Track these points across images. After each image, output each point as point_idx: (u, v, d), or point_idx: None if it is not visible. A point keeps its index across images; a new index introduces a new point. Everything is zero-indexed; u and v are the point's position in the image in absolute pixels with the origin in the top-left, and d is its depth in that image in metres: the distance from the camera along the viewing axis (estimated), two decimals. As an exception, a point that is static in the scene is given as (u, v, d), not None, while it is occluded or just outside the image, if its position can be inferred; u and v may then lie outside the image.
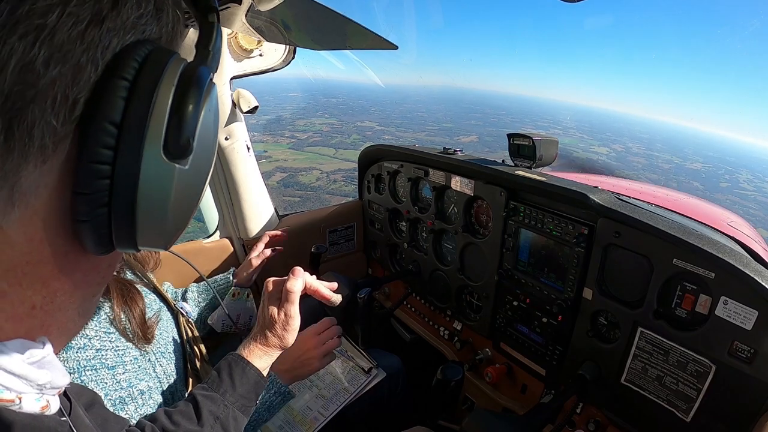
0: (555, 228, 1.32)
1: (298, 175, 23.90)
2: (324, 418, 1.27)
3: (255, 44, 1.70)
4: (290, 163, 26.06)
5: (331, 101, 60.07)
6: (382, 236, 2.11)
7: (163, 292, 1.19)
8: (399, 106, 65.26)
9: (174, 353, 1.12)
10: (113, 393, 0.87)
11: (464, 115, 37.11)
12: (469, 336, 1.77)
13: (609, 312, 1.24)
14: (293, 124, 35.94)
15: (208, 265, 1.85)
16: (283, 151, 28.18)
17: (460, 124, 46.16)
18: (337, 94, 71.38)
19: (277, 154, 27.16)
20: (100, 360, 0.88)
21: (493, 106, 23.50)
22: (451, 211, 1.75)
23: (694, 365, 1.06)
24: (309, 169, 25.11)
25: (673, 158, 67.89)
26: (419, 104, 18.29)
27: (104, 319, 0.92)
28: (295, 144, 30.25)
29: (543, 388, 1.50)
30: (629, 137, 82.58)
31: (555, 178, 1.37)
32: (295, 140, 31.17)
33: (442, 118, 52.57)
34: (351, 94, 73.76)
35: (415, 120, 42.04)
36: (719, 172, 61.60)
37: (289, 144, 30.07)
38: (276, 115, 36.05)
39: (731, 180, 56.93)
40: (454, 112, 55.03)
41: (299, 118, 38.96)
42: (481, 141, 10.06)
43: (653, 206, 1.34)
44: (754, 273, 0.93)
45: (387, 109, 62.61)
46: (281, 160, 25.90)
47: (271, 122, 33.48)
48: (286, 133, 32.44)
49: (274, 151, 27.53)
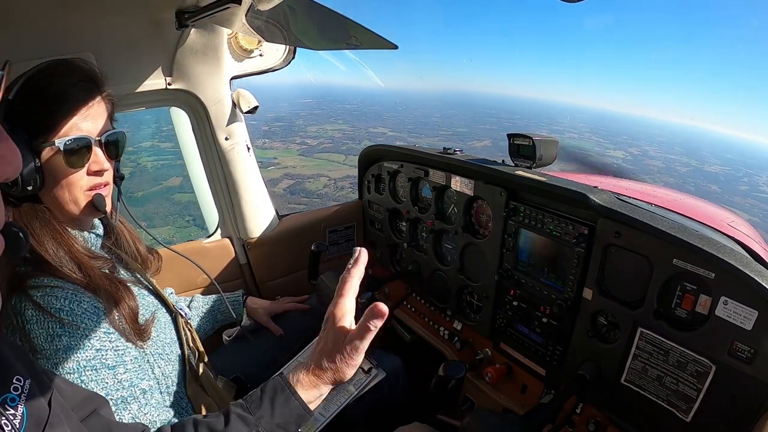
0: (555, 228, 1.32)
1: (306, 182, 23.79)
2: (324, 418, 1.27)
3: (255, 44, 1.70)
4: (299, 170, 25.92)
5: (345, 107, 59.99)
6: (382, 236, 2.11)
7: (162, 293, 1.19)
8: (414, 111, 65.04)
9: (172, 354, 1.12)
10: (115, 393, 0.87)
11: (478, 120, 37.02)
12: (469, 336, 1.77)
13: (609, 312, 1.24)
14: (305, 130, 35.85)
15: (209, 265, 1.85)
16: (292, 157, 28.08)
17: (474, 128, 46.04)
18: (352, 101, 71.32)
19: (287, 160, 27.05)
20: (100, 360, 0.87)
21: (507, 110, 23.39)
22: (451, 211, 1.74)
23: (694, 365, 1.06)
24: (317, 176, 24.94)
25: (691, 161, 67.09)
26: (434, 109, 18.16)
27: (103, 320, 0.92)
28: (305, 150, 30.12)
29: (543, 388, 1.50)
30: (646, 140, 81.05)
31: (555, 178, 1.37)
32: (305, 146, 31.02)
33: (456, 122, 52.36)
34: (366, 100, 73.75)
35: (429, 125, 41.93)
36: (738, 174, 60.78)
37: (299, 150, 29.98)
38: (289, 122, 35.97)
39: (750, 183, 55.93)
40: (468, 116, 54.67)
41: (312, 124, 38.86)
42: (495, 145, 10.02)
43: (653, 206, 1.34)
44: (754, 273, 0.93)
45: (400, 114, 62.42)
46: (290, 167, 25.81)
47: (283, 129, 33.40)
48: (296, 139, 32.33)
49: (284, 158, 27.43)
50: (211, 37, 1.57)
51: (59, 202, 0.94)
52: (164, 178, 15.17)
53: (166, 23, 1.43)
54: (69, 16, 1.27)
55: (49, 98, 0.88)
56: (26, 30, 1.22)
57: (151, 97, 1.62)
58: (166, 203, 13.71)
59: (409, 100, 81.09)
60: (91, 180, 0.96)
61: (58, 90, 0.89)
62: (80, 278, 0.91)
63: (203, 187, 1.92)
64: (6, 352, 0.61)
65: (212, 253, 1.89)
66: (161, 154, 15.58)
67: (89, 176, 0.95)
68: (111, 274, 1.01)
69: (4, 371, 0.58)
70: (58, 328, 0.84)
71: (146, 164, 15.67)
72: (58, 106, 0.89)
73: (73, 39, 1.32)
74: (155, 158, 15.77)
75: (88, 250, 0.98)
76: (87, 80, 0.94)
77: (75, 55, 1.04)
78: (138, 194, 13.46)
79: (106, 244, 1.10)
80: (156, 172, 15.43)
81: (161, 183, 15.07)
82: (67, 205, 0.94)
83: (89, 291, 0.91)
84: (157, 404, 0.95)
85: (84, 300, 0.89)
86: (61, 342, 0.84)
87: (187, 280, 1.78)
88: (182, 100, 1.69)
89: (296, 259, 2.02)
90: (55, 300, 0.85)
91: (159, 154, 15.69)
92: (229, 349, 1.56)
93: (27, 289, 0.84)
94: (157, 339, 1.06)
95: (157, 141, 15.70)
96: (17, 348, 0.67)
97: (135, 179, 14.58)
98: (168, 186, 14.70)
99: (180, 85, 1.60)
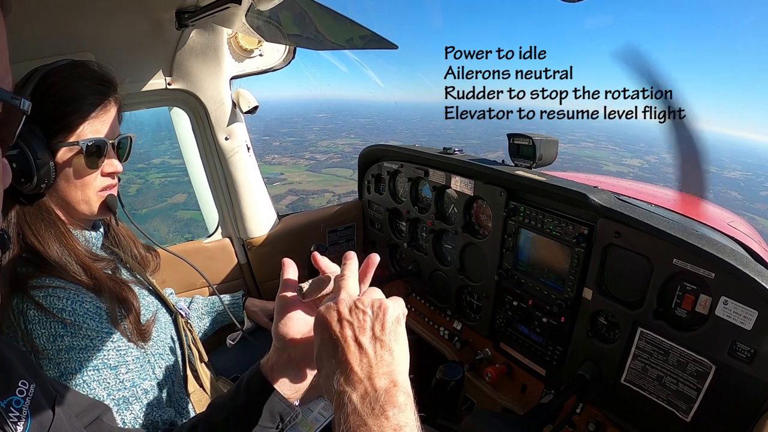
0: (555, 228, 1.32)
1: (310, 197, 23.61)
2: (324, 418, 1.27)
3: (255, 44, 1.70)
4: (304, 185, 25.77)
5: (359, 121, 59.56)
6: (382, 236, 2.11)
7: (162, 294, 1.19)
8: (428, 123, 64.64)
9: (173, 354, 1.12)
10: (116, 393, 0.87)
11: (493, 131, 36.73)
12: (469, 336, 1.77)
13: (609, 312, 1.24)
14: (316, 145, 35.64)
15: (209, 265, 1.85)
16: (299, 173, 27.97)
17: (487, 140, 45.77)
18: (367, 114, 70.91)
19: (293, 176, 26.91)
20: (102, 360, 0.88)
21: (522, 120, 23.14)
22: (451, 211, 1.74)
23: (694, 365, 1.06)
24: (321, 192, 24.76)
25: (710, 167, 64.96)
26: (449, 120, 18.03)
27: (105, 320, 0.92)
28: (314, 165, 30.02)
29: (543, 388, 1.50)
30: (664, 147, 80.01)
31: (555, 178, 1.37)
32: (314, 162, 30.92)
33: (470, 134, 52.04)
34: (382, 114, 73.43)
35: (443, 137, 41.60)
36: (759, 180, 60.04)
37: (307, 166, 29.88)
38: (300, 137, 35.75)
39: (774, 188, 55.29)
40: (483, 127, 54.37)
41: (323, 138, 38.65)
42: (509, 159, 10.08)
43: (653, 206, 1.34)
44: (754, 273, 0.93)
45: (414, 127, 61.91)
46: (295, 183, 25.67)
47: (294, 144, 33.21)
48: (306, 154, 32.18)
49: (291, 173, 27.27)
50: (211, 37, 1.57)
51: (69, 201, 0.95)
52: (170, 194, 15.21)
53: (166, 23, 1.43)
54: (69, 16, 1.27)
55: (68, 99, 0.90)
56: (26, 30, 1.22)
57: (151, 97, 1.62)
58: (168, 220, 13.75)
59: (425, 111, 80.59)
60: (104, 181, 0.97)
61: (76, 91, 0.91)
62: (85, 279, 0.91)
63: (203, 187, 1.92)
64: (11, 356, 0.61)
65: (212, 253, 1.89)
66: (170, 171, 15.59)
67: (102, 177, 0.97)
68: (114, 275, 1.01)
69: (10, 374, 0.58)
70: (61, 329, 0.84)
71: (154, 181, 15.70)
72: (76, 108, 0.91)
73: (74, 39, 1.32)
74: (164, 175, 15.79)
75: (91, 252, 0.99)
76: (103, 83, 0.95)
77: (75, 55, 1.04)
78: (141, 212, 13.50)
79: (105, 244, 1.10)
80: (162, 189, 15.47)
81: (166, 200, 15.11)
82: (78, 204, 0.95)
83: (92, 292, 0.92)
84: (159, 404, 0.95)
85: (86, 300, 0.89)
86: (63, 342, 0.84)
87: (188, 280, 1.78)
88: (182, 100, 1.69)
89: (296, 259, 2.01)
90: (58, 300, 0.85)
91: (168, 170, 15.71)
92: (229, 350, 1.56)
93: (29, 290, 0.84)
94: (157, 339, 1.07)
95: (168, 158, 15.72)
96: (21, 353, 0.67)
97: (141, 196, 14.63)
98: (172, 203, 14.74)
99: (180, 85, 1.60)
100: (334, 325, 0.56)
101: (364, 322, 0.56)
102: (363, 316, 0.57)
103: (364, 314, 0.57)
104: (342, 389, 0.52)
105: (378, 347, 0.55)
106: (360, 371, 0.53)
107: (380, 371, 0.53)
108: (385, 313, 0.57)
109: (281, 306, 0.71)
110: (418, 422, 0.53)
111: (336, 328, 0.56)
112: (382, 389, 0.52)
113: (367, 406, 0.51)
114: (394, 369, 0.55)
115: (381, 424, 0.50)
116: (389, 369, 0.54)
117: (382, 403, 0.51)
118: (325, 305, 0.59)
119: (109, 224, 1.12)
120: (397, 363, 0.55)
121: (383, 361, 0.54)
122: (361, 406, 0.51)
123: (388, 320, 0.57)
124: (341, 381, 0.53)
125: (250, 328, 1.59)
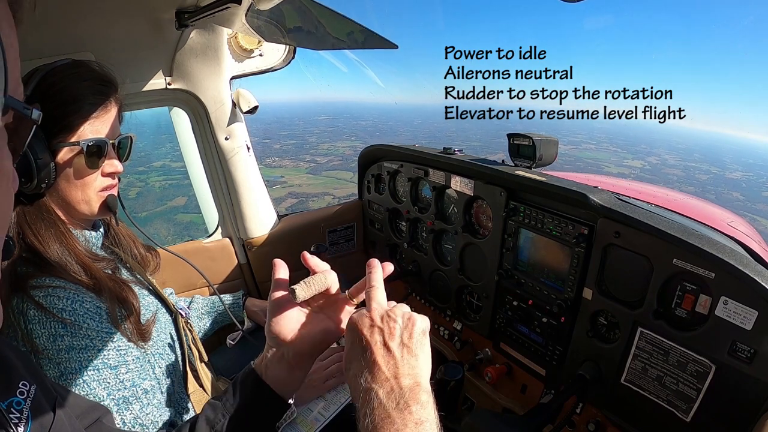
0: (555, 228, 1.32)
1: (310, 200, 23.57)
2: (324, 418, 1.27)
3: (255, 44, 1.70)
4: (304, 188, 25.72)
5: (360, 123, 59.48)
6: (382, 236, 2.11)
7: (162, 294, 1.19)
8: (430, 125, 64.39)
9: (173, 354, 1.12)
10: (117, 393, 0.87)
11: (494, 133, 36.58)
12: (469, 336, 1.77)
13: (609, 312, 1.24)
14: (316, 147, 35.63)
15: (209, 265, 1.85)
16: (300, 175, 27.96)
17: (488, 142, 45.60)
18: (368, 117, 70.79)
19: (294, 179, 26.88)
20: (102, 360, 0.88)
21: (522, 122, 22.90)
22: (451, 211, 1.74)
23: (694, 365, 1.06)
24: (322, 195, 24.69)
25: (712, 168, 65.62)
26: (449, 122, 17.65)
27: (105, 319, 0.92)
28: (314, 168, 30.03)
29: (543, 388, 1.50)
30: (665, 148, 78.92)
31: (555, 178, 1.37)
32: (314, 164, 30.93)
33: (471, 136, 51.83)
34: (383, 116, 73.26)
35: (443, 139, 41.55)
36: (761, 180, 59.60)
37: (307, 168, 29.87)
38: (301, 140, 35.76)
39: (775, 188, 54.78)
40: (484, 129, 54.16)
41: (324, 141, 38.64)
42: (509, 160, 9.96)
43: (653, 206, 1.34)
44: (754, 273, 0.93)
45: (415, 129, 61.68)
46: (296, 186, 25.63)
47: (295, 147, 33.23)
48: (306, 157, 32.20)
49: (291, 176, 27.23)
50: (211, 37, 1.57)
51: (70, 201, 0.95)
52: (170, 198, 15.21)
53: (166, 23, 1.43)
54: (69, 16, 1.27)
55: (69, 99, 0.90)
56: (26, 30, 1.21)
57: (151, 97, 1.62)
58: (168, 223, 13.76)
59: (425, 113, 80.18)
60: (104, 181, 0.97)
61: (77, 91, 0.90)
62: (85, 279, 0.91)
63: (203, 186, 1.92)
64: (11, 356, 0.61)
65: (212, 253, 1.89)
66: (170, 174, 15.59)
67: (103, 177, 0.97)
68: (114, 275, 1.01)
69: (11, 375, 0.58)
70: (61, 328, 0.84)
71: (154, 184, 15.69)
72: (76, 108, 0.91)
73: (73, 39, 1.32)
74: (164, 178, 15.78)
75: (91, 252, 0.99)
76: (103, 83, 0.95)
77: (75, 55, 1.04)
78: (141, 214, 13.50)
79: (106, 243, 1.10)
80: (163, 192, 15.46)
81: (166, 203, 15.11)
82: (79, 204, 0.95)
83: (92, 292, 0.92)
84: (159, 404, 0.95)
85: (86, 300, 0.89)
86: (63, 342, 0.84)
87: (188, 280, 1.78)
88: (182, 100, 1.69)
89: (296, 259, 2.01)
90: (58, 300, 0.85)
91: (168, 173, 15.70)
92: (229, 350, 1.56)
93: (29, 290, 0.84)
94: (157, 339, 1.07)
95: (169, 161, 15.71)
96: (22, 353, 0.67)
97: (141, 199, 14.61)
98: (172, 206, 14.75)
99: (180, 85, 1.60)
100: (365, 330, 0.61)
101: (393, 329, 0.61)
102: (393, 324, 0.62)
103: (394, 323, 0.62)
104: (369, 386, 0.57)
105: (405, 352, 0.60)
106: (387, 371, 0.58)
107: (405, 372, 0.58)
108: (413, 324, 0.63)
109: (274, 306, 0.75)
110: (438, 420, 0.58)
111: (367, 333, 0.61)
112: (407, 387, 0.57)
113: (392, 400, 0.56)
114: (418, 372, 0.60)
115: (404, 417, 0.55)
116: (414, 372, 0.59)
117: (407, 399, 0.56)
118: (357, 312, 0.65)
119: (109, 224, 1.11)
120: (420, 368, 0.61)
121: (408, 364, 0.59)
122: (387, 401, 0.56)
123: (416, 331, 0.62)
124: (368, 379, 0.58)
125: (250, 328, 1.59)
